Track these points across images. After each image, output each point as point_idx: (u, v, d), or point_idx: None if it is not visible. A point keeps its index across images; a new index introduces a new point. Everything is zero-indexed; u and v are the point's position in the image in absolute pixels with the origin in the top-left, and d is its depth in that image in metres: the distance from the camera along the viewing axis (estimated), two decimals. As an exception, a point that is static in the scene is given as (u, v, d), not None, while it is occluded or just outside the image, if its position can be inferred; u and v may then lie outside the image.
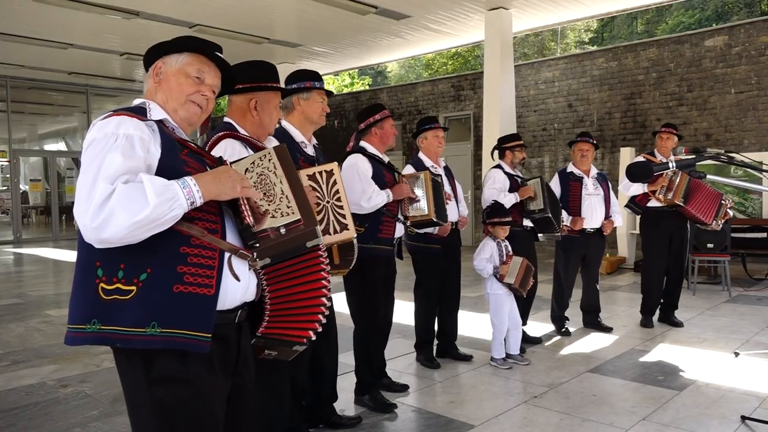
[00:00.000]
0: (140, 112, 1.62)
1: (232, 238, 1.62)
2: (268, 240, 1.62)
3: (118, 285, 1.47)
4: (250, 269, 1.66)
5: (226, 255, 1.58)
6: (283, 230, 1.63)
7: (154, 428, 1.54)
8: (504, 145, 5.06)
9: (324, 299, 1.71)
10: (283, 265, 1.71)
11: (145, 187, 1.42)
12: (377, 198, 3.45)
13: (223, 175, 1.56)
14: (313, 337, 1.74)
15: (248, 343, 1.77)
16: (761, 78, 9.15)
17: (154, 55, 1.74)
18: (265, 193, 1.68)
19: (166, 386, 1.51)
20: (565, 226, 5.07)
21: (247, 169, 1.73)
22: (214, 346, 1.55)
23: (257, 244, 1.61)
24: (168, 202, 1.43)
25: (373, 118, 3.67)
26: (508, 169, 4.99)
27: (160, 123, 1.64)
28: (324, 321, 1.74)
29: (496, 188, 4.84)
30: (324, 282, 1.72)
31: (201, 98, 1.73)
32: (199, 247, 1.54)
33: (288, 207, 1.65)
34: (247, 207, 1.62)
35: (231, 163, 1.74)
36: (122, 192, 1.41)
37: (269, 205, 1.65)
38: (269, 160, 1.73)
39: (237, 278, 1.60)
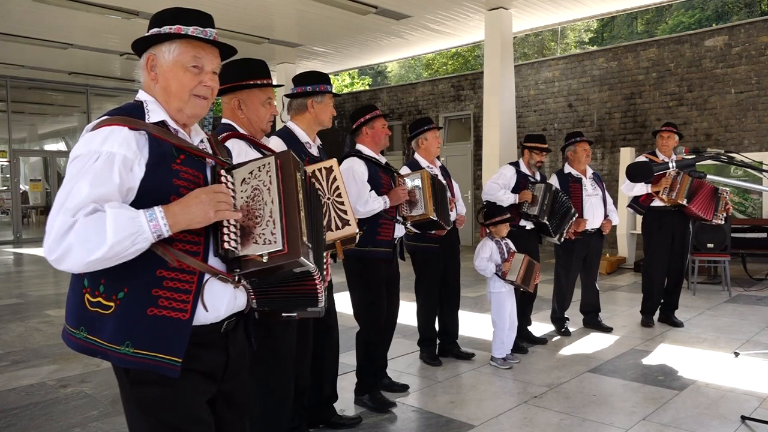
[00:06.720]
0: (138, 114, 1.57)
1: (215, 259, 1.57)
2: (251, 265, 1.55)
3: (100, 299, 1.51)
4: (236, 287, 1.62)
5: (206, 277, 1.55)
6: (265, 258, 1.53)
7: (141, 422, 1.59)
8: (525, 143, 5.06)
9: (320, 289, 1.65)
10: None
11: (107, 222, 1.40)
12: (374, 203, 3.44)
13: (192, 201, 1.49)
14: (321, 302, 1.68)
15: (239, 351, 1.74)
16: (761, 78, 9.15)
17: (141, 47, 1.64)
18: (253, 213, 1.58)
19: (142, 386, 1.55)
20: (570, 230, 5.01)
21: (244, 179, 1.62)
22: (197, 351, 1.57)
23: (237, 269, 1.55)
24: (131, 236, 1.42)
25: (364, 118, 3.67)
26: (524, 167, 4.98)
27: (158, 126, 1.57)
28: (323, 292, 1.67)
29: (499, 183, 4.83)
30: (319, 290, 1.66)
31: (205, 89, 1.64)
32: (177, 270, 1.52)
33: (272, 234, 1.54)
34: (231, 229, 1.55)
35: (232, 167, 1.66)
36: (81, 227, 1.40)
37: (255, 228, 1.56)
38: (267, 173, 1.61)
39: (205, 308, 1.56)
